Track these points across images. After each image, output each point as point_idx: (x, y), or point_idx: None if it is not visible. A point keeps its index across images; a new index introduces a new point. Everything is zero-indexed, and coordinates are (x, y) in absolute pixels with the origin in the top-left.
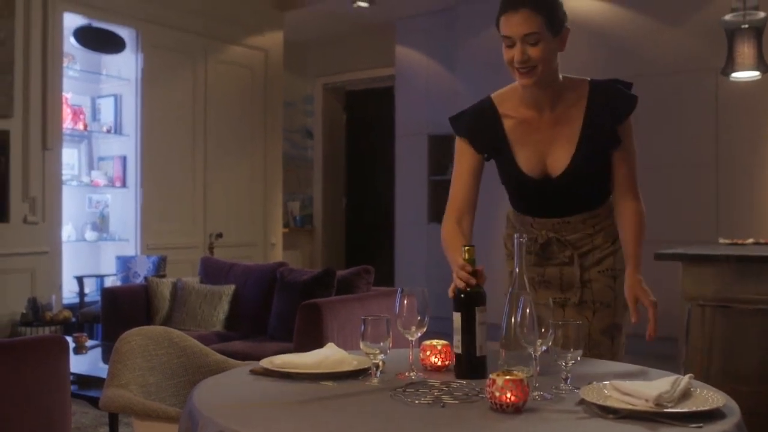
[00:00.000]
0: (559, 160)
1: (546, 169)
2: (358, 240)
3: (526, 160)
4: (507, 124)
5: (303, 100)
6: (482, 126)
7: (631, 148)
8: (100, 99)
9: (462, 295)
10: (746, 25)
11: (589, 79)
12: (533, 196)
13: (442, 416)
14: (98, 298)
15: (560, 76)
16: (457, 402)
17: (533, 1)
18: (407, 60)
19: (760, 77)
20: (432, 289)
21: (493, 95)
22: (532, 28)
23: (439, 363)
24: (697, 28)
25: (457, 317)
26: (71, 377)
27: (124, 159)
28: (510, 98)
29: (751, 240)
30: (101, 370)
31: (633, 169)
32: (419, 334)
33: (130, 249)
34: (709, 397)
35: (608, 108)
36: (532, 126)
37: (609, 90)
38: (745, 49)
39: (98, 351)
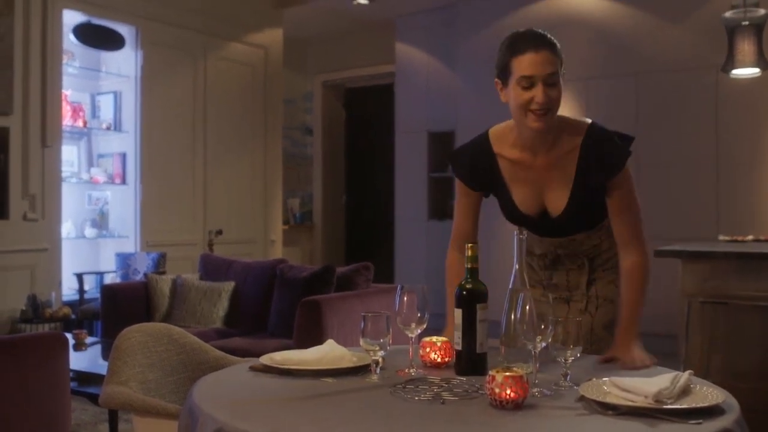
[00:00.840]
0: (557, 202)
1: (544, 207)
2: (358, 237)
3: (522, 200)
4: (501, 163)
5: (303, 97)
6: (478, 166)
7: (627, 199)
8: (100, 96)
9: (463, 292)
10: (747, 22)
11: (589, 122)
12: (534, 228)
13: (442, 413)
14: (98, 295)
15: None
16: (456, 398)
17: (552, 42)
18: (407, 57)
19: (760, 74)
20: (432, 286)
21: (490, 131)
22: (555, 68)
23: (439, 359)
24: (697, 25)
25: (458, 314)
26: (71, 374)
27: (123, 156)
28: (506, 137)
29: (750, 237)
30: (101, 366)
31: (633, 220)
32: (419, 331)
33: (130, 246)
34: (708, 394)
35: (599, 162)
36: (525, 166)
37: (603, 143)
38: (746, 46)
39: (98, 348)
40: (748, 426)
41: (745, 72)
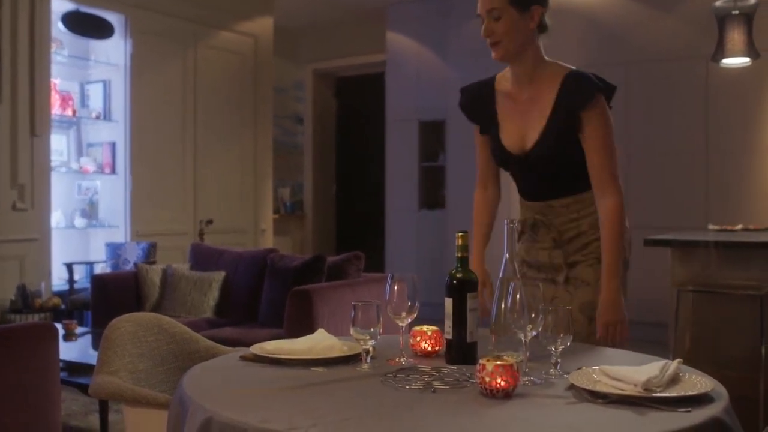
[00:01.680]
0: (531, 135)
1: (523, 144)
2: (349, 226)
3: (507, 136)
4: (498, 98)
5: (293, 86)
6: (479, 98)
7: (602, 137)
8: (89, 85)
9: (454, 282)
10: (737, 12)
11: (573, 68)
12: (516, 174)
13: (433, 401)
14: (88, 285)
15: (545, 58)
16: (447, 387)
17: None
18: (398, 46)
19: (750, 63)
20: (422, 275)
21: (498, 75)
22: (494, 4)
23: (430, 348)
24: (687, 14)
25: (448, 303)
26: (61, 364)
27: (113, 145)
28: (505, 75)
29: (740, 226)
30: (91, 357)
31: (606, 160)
32: (409, 320)
33: (120, 236)
34: (697, 382)
35: (576, 93)
36: (512, 100)
37: (581, 77)
38: (735, 36)
39: (88, 338)
40: (736, 414)
41: (735, 61)
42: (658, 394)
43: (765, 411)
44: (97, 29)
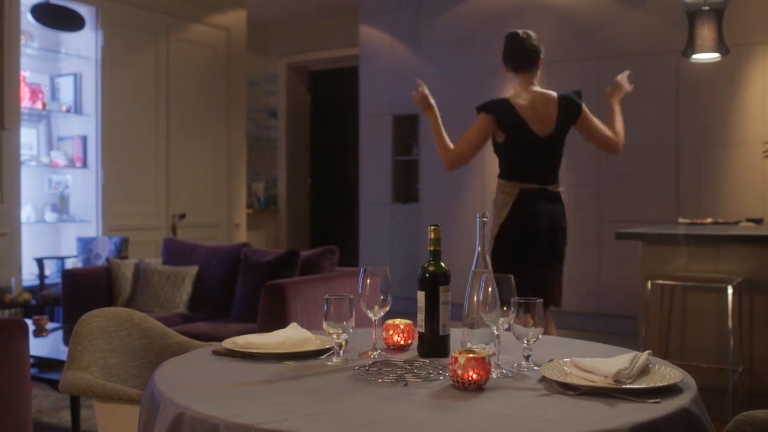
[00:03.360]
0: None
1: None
2: (323, 220)
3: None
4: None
5: (266, 79)
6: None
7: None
8: (60, 78)
9: (426, 275)
10: (707, 7)
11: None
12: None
13: (405, 395)
14: (59, 280)
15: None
16: (419, 380)
17: None
18: (371, 40)
19: (720, 59)
20: (396, 269)
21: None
22: None
23: (402, 342)
24: (658, 9)
25: (421, 296)
26: (31, 360)
27: (84, 139)
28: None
29: (710, 220)
30: (62, 352)
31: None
32: (382, 314)
33: (92, 230)
34: (666, 373)
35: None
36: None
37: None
38: (706, 31)
39: (59, 334)
40: (705, 404)
41: (705, 57)
42: (628, 386)
43: (733, 401)
44: (68, 21)
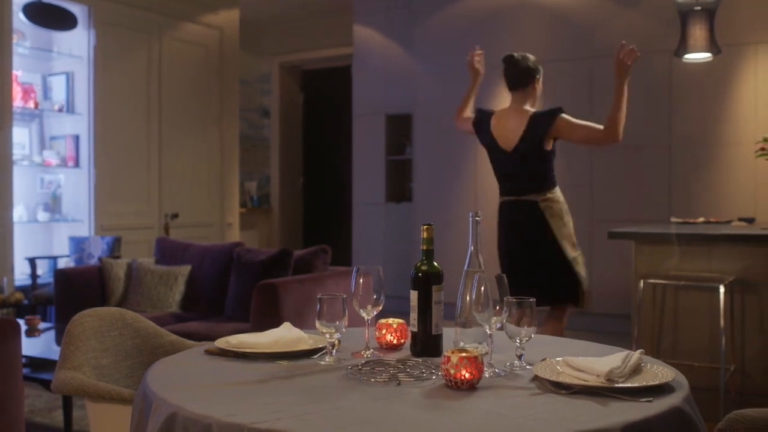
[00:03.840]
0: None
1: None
2: (316, 220)
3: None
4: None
5: (259, 79)
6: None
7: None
8: (52, 77)
9: (419, 274)
10: (699, 7)
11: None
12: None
13: (398, 394)
14: (51, 279)
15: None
16: (412, 380)
17: None
18: (365, 39)
19: (711, 59)
20: (389, 269)
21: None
22: None
23: (395, 341)
24: (651, 9)
25: (414, 295)
26: (24, 360)
27: (76, 138)
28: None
29: (701, 219)
30: (54, 352)
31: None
32: (375, 313)
33: (84, 230)
34: (658, 372)
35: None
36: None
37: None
38: (698, 31)
39: (51, 333)
40: (697, 403)
41: (698, 56)
42: (620, 385)
43: (726, 400)
44: (60, 20)
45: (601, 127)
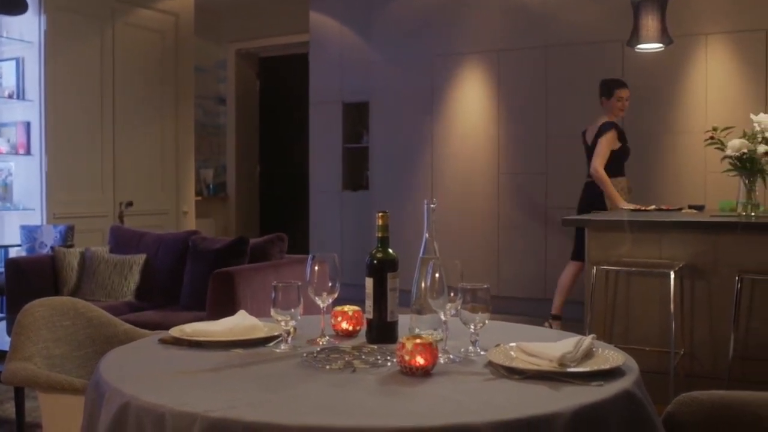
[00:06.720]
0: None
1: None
2: (273, 208)
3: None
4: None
5: (215, 66)
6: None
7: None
8: (1, 62)
9: (374, 261)
10: None
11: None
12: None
13: (353, 380)
14: (2, 269)
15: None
16: (367, 366)
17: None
18: (322, 27)
19: (663, 49)
20: (346, 256)
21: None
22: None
23: (350, 328)
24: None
25: (369, 282)
26: None
27: (27, 125)
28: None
29: (653, 206)
30: (5, 343)
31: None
32: (330, 300)
33: (36, 218)
34: (609, 357)
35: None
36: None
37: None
38: (650, 22)
39: (2, 324)
40: (647, 386)
41: (650, 47)
42: (572, 369)
43: (675, 383)
44: (9, 4)
45: (599, 162)
